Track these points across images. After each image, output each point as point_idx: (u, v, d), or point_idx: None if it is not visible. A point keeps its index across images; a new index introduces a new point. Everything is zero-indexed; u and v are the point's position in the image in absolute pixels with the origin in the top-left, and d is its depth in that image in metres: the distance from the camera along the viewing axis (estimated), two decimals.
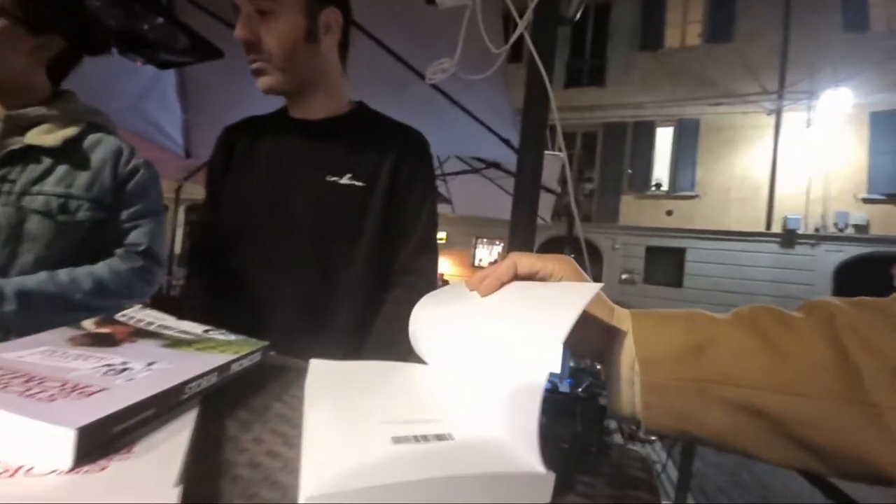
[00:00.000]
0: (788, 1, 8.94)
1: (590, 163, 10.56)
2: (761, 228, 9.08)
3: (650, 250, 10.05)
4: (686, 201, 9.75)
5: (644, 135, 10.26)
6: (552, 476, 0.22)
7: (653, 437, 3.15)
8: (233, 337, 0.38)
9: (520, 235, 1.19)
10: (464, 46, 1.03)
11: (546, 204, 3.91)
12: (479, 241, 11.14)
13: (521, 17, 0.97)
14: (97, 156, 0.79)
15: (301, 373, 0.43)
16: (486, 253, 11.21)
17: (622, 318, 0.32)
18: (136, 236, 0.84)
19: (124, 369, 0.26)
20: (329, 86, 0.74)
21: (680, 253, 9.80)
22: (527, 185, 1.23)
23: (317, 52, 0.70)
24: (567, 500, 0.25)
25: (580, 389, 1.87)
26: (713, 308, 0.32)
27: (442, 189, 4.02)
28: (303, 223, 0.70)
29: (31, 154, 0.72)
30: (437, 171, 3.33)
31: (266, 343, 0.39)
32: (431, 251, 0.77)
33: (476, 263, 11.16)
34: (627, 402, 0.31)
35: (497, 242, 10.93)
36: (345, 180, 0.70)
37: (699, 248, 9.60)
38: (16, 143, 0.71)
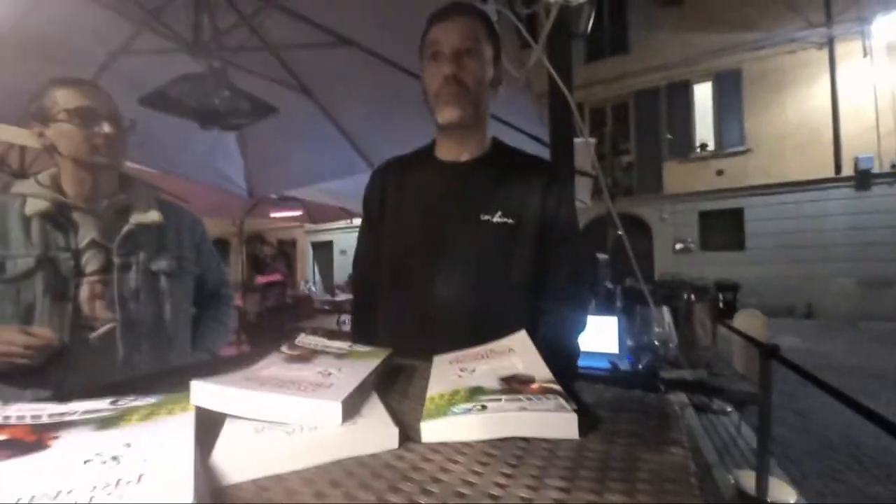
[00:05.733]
0: None
1: (624, 135, 10.18)
2: (827, 173, 8.30)
3: (703, 215, 9.52)
4: (736, 158, 9.14)
5: (679, 95, 9.73)
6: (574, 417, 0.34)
7: (728, 408, 3.06)
8: (368, 348, 0.54)
9: None
10: None
11: (584, 186, 3.90)
12: None
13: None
14: (182, 225, 1.02)
15: (414, 371, 0.58)
16: None
17: None
18: (224, 279, 1.14)
19: (329, 373, 0.42)
20: (485, 130, 0.84)
21: (737, 214, 9.20)
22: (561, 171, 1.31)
23: (492, 98, 0.81)
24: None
25: (640, 365, 1.96)
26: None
27: None
28: (460, 259, 0.76)
29: (139, 231, 0.92)
30: None
31: (392, 350, 0.55)
32: (582, 279, 0.82)
33: None
34: None
35: None
36: (497, 218, 0.76)
37: (758, 206, 8.96)
38: (128, 225, 0.90)
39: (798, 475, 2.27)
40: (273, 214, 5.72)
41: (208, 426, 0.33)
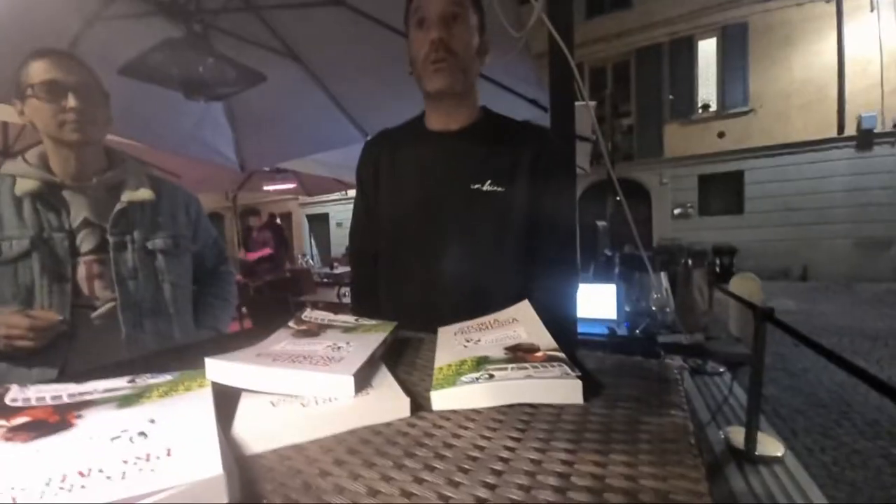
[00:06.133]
0: None
1: (625, 96, 9.89)
2: (830, 133, 8.16)
3: (703, 179, 9.44)
4: (739, 119, 8.94)
5: (683, 53, 9.38)
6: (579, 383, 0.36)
7: (721, 369, 3.17)
8: (374, 321, 0.55)
9: None
10: None
11: (583, 151, 3.84)
12: None
13: None
14: (176, 202, 1.00)
15: (420, 343, 0.59)
16: None
17: None
18: (223, 256, 1.13)
19: (338, 347, 0.43)
20: (474, 99, 0.84)
21: (737, 177, 9.12)
22: (561, 137, 1.27)
23: (479, 66, 0.81)
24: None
25: (638, 331, 2.01)
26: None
27: None
28: (454, 228, 0.78)
29: (132, 209, 0.90)
30: None
31: (396, 323, 0.55)
32: (572, 244, 0.85)
33: None
34: None
35: None
36: (487, 187, 0.77)
37: (759, 168, 8.87)
38: (120, 203, 0.88)
39: (788, 432, 2.38)
40: (266, 187, 5.63)
41: (225, 401, 0.35)
